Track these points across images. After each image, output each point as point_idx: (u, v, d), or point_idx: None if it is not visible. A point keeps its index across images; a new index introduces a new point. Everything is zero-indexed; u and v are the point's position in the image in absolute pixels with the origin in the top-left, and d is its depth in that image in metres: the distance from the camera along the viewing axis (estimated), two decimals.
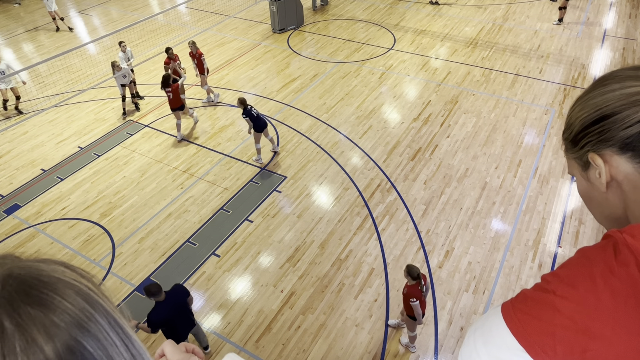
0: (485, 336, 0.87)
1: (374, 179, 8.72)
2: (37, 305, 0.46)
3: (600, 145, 0.86)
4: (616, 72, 0.88)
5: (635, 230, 0.78)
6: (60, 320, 0.46)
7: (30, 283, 0.48)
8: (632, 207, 0.87)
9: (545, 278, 0.83)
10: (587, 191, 0.96)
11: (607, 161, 0.86)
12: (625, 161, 0.84)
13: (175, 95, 9.65)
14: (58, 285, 0.49)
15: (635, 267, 0.73)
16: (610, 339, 0.72)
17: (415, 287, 5.39)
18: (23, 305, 0.45)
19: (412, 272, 5.34)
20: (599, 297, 0.74)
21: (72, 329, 0.47)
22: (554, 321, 0.76)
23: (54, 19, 15.79)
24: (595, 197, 0.94)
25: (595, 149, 0.87)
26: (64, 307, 0.47)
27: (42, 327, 0.45)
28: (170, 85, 9.56)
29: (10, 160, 9.88)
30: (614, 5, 15.49)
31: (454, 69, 12.17)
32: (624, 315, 0.72)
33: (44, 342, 0.44)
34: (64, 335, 0.46)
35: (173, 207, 8.37)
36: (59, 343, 0.45)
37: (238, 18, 16.13)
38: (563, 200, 8.06)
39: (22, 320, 0.44)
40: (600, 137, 0.86)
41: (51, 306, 0.47)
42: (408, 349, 6.01)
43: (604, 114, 0.85)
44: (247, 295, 6.79)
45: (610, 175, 0.87)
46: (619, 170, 0.85)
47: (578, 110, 0.91)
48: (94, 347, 0.48)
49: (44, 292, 0.47)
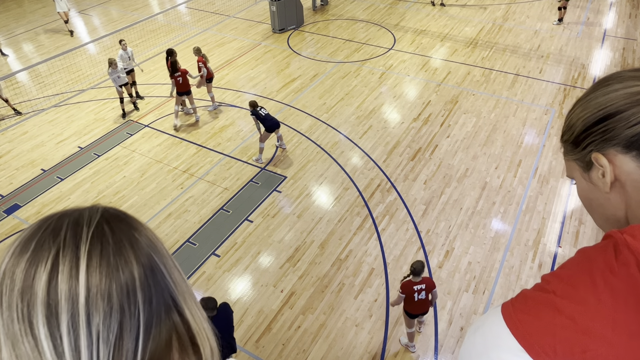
0: (485, 336, 0.87)
1: (374, 179, 8.72)
2: (125, 224, 0.64)
3: (604, 144, 0.85)
4: (617, 73, 0.89)
5: (636, 231, 0.78)
6: (140, 237, 0.64)
7: (122, 215, 0.67)
8: (633, 207, 0.86)
9: (545, 278, 0.83)
10: (588, 193, 0.95)
11: (611, 161, 0.85)
12: (629, 160, 0.83)
13: (185, 80, 10.05)
14: (137, 220, 0.68)
15: (635, 267, 0.73)
16: (610, 339, 0.72)
17: (409, 283, 5.40)
18: (117, 222, 0.64)
19: (411, 266, 5.36)
20: (600, 297, 0.74)
21: (148, 246, 0.64)
22: (554, 321, 0.76)
23: (66, 22, 15.23)
24: (596, 199, 0.93)
25: (599, 148, 0.86)
26: (143, 231, 0.66)
27: (128, 236, 0.63)
28: (179, 69, 9.96)
29: (10, 160, 9.88)
30: (614, 5, 15.50)
31: (454, 69, 12.18)
32: (624, 316, 0.72)
33: (127, 244, 0.61)
34: (142, 247, 0.63)
35: (173, 207, 8.37)
36: (139, 251, 0.62)
37: (238, 18, 16.13)
38: (563, 200, 8.06)
39: (116, 228, 0.62)
40: (604, 136, 0.85)
41: (135, 227, 0.65)
42: (408, 349, 6.01)
43: (608, 112, 0.84)
44: (247, 295, 6.79)
45: (614, 175, 0.86)
46: (622, 169, 0.85)
47: (580, 111, 0.91)
48: (161, 266, 0.64)
49: (131, 219, 0.67)
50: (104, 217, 0.63)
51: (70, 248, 0.57)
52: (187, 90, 10.19)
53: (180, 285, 0.66)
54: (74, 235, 0.59)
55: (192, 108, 10.53)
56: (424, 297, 5.47)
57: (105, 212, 0.65)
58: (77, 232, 0.60)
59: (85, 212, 0.64)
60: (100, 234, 0.60)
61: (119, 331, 0.57)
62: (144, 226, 0.67)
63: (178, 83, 10.00)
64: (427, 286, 5.45)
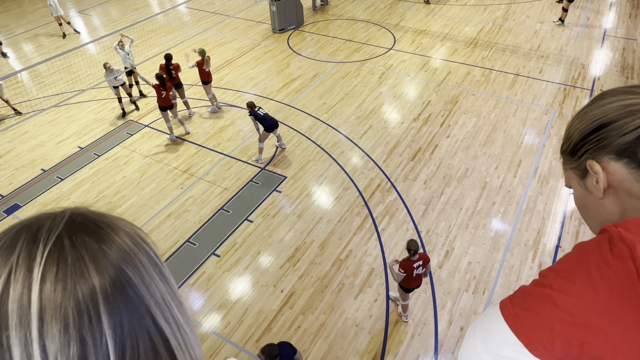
0: (485, 334, 0.87)
1: (374, 179, 8.72)
2: (92, 235, 0.57)
3: (598, 152, 0.90)
4: (612, 89, 0.95)
5: (630, 224, 0.79)
6: (108, 249, 0.56)
7: (92, 220, 0.59)
8: (628, 212, 0.89)
9: (542, 273, 0.85)
10: (584, 200, 0.99)
11: (605, 168, 0.90)
12: (621, 167, 0.88)
13: (167, 95, 9.58)
14: (113, 226, 0.60)
15: (630, 259, 0.74)
16: (607, 332, 0.73)
17: (409, 262, 5.71)
18: (81, 233, 0.56)
19: (409, 247, 5.69)
20: (596, 290, 0.75)
21: (118, 259, 0.56)
22: (551, 315, 0.77)
23: (61, 25, 15.27)
24: (591, 205, 0.97)
25: (594, 156, 0.91)
26: (114, 241, 0.57)
27: (92, 251, 0.55)
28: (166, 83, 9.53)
29: (10, 160, 9.88)
30: (614, 5, 15.50)
31: (454, 69, 12.18)
32: (620, 308, 0.73)
33: (89, 260, 0.54)
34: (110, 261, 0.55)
35: (173, 207, 8.38)
36: (104, 267, 0.54)
37: (238, 18, 16.14)
38: (563, 200, 8.06)
39: (78, 243, 0.55)
40: (598, 144, 0.90)
41: (104, 238, 0.57)
42: (401, 318, 6.33)
43: (602, 123, 0.90)
44: (247, 295, 6.79)
45: (607, 182, 0.90)
46: (615, 176, 0.89)
47: (577, 123, 0.96)
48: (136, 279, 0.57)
49: (101, 227, 0.58)
50: (68, 228, 0.56)
51: (23, 271, 0.51)
52: (169, 105, 9.71)
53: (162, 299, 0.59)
54: (28, 256, 0.53)
55: (178, 119, 10.20)
56: (420, 272, 5.86)
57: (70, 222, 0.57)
58: (32, 252, 0.53)
59: (46, 223, 0.57)
60: (58, 251, 0.53)
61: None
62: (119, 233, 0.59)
63: (161, 97, 9.51)
64: (423, 262, 5.83)
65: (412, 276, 5.78)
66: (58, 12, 14.86)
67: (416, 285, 5.99)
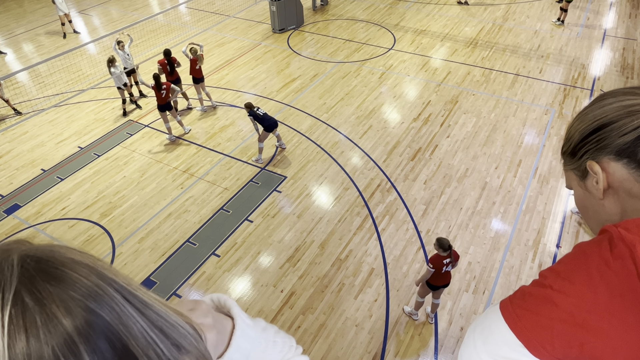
0: (485, 334, 0.87)
1: (374, 179, 8.72)
2: (54, 282, 0.49)
3: (598, 153, 0.91)
4: (612, 91, 0.95)
5: (630, 224, 0.79)
6: (77, 294, 0.50)
7: (47, 262, 0.51)
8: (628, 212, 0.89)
9: (542, 274, 0.85)
10: (584, 201, 0.99)
11: (605, 168, 0.90)
12: (621, 167, 0.88)
13: (167, 94, 9.62)
14: (72, 263, 0.53)
15: (630, 260, 0.74)
16: (607, 332, 0.73)
17: (439, 257, 5.52)
18: (42, 282, 0.49)
19: (443, 244, 5.45)
20: (596, 290, 0.75)
21: (88, 301, 0.50)
22: (551, 315, 0.77)
23: (63, 25, 15.16)
24: (592, 206, 0.97)
25: (594, 157, 0.91)
26: (80, 282, 0.51)
27: (61, 301, 0.48)
28: (164, 83, 9.60)
29: (10, 160, 9.88)
30: (614, 5, 15.50)
31: (454, 69, 12.18)
32: (620, 308, 0.73)
33: (62, 315, 0.47)
34: (81, 307, 0.49)
35: (173, 207, 8.37)
36: (77, 315, 0.48)
37: (238, 18, 16.14)
38: (563, 200, 8.06)
39: (41, 295, 0.48)
40: (598, 145, 0.90)
41: (68, 281, 0.50)
42: (411, 317, 6.25)
43: (602, 123, 0.90)
44: (247, 295, 6.79)
45: (607, 182, 0.90)
46: (615, 176, 0.89)
47: (577, 124, 0.96)
48: (110, 317, 0.51)
49: (60, 269, 0.51)
50: (24, 280, 0.48)
51: None
52: (168, 105, 9.68)
53: (143, 337, 0.54)
54: None
55: (178, 120, 10.19)
56: (450, 269, 5.67)
57: (24, 273, 0.49)
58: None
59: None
60: (22, 312, 0.46)
61: None
62: (81, 271, 0.53)
63: (160, 96, 9.48)
64: (453, 258, 5.63)
65: (441, 272, 5.59)
66: (64, 10, 14.80)
67: (444, 283, 5.79)
